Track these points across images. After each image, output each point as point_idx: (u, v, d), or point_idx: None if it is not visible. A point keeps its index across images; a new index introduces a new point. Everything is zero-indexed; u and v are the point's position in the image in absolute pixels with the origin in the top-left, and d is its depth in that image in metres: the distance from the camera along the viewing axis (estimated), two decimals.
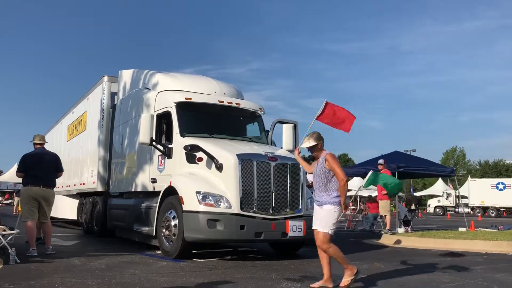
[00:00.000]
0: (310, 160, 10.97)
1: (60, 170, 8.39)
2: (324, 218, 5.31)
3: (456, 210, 43.46)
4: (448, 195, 45.83)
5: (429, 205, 48.70)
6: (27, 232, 7.65)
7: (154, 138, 8.34)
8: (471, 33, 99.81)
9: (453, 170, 18.23)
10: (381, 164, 12.79)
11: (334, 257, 5.33)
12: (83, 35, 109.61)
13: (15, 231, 7.10)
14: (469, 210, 40.70)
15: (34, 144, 8.34)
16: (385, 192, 12.47)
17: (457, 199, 43.69)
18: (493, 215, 39.76)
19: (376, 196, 19.99)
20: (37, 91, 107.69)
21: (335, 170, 5.28)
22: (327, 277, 5.32)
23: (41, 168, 7.91)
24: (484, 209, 40.77)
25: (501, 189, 39.84)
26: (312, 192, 8.91)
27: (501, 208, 40.61)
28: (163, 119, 8.64)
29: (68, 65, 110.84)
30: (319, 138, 5.53)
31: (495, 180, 42.53)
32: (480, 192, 40.27)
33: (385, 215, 12.89)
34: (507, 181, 41.42)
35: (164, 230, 7.79)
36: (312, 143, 5.50)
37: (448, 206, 45.52)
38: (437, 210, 46.09)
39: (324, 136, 5.59)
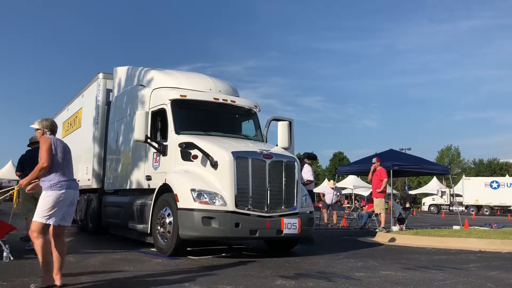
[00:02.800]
0: (304, 158, 11.00)
1: None
2: (39, 205, 4.75)
3: (451, 208, 43.67)
4: (443, 193, 46.06)
5: (423, 203, 48.89)
6: (26, 227, 7.77)
7: (149, 135, 8.32)
8: (467, 32, 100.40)
9: (447, 168, 18.30)
10: (374, 163, 12.82)
11: (37, 253, 4.67)
12: (79, 32, 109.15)
13: None
14: (463, 208, 40.91)
15: (31, 144, 8.44)
16: (379, 190, 12.51)
17: (451, 198, 43.93)
18: (487, 213, 39.98)
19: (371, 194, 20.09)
20: (32, 88, 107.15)
21: (40, 153, 4.77)
22: (52, 273, 4.75)
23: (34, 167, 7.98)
24: (478, 208, 41.00)
25: (495, 188, 40.04)
26: (307, 190, 8.94)
27: (495, 206, 40.85)
28: (158, 116, 8.62)
29: (64, 61, 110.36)
30: (45, 125, 4.99)
31: (489, 179, 42.73)
32: (475, 190, 40.46)
33: (379, 213, 12.93)
34: (501, 179, 41.64)
35: (158, 227, 7.78)
36: (35, 126, 5.02)
37: (443, 205, 45.72)
38: (432, 208, 46.28)
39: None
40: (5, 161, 41.97)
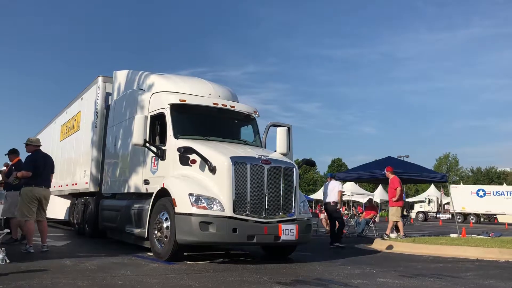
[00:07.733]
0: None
1: (53, 171, 8.72)
2: None
3: (437, 216, 44.09)
4: (430, 200, 46.51)
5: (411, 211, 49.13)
6: (26, 231, 7.93)
7: (147, 139, 8.32)
8: (465, 41, 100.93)
9: (445, 176, 18.27)
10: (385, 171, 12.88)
11: None
12: (79, 35, 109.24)
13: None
14: (450, 215, 41.20)
15: (34, 146, 8.42)
16: (395, 198, 12.49)
17: (439, 206, 44.30)
18: (473, 221, 40.20)
19: (369, 200, 20.13)
20: (31, 91, 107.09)
21: None
22: None
23: (45, 169, 8.25)
24: (465, 215, 41.28)
25: (481, 196, 40.42)
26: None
27: (481, 214, 41.18)
28: (157, 120, 8.62)
29: (63, 65, 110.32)
30: None
31: (476, 187, 43.20)
32: (461, 198, 40.62)
33: (397, 222, 12.83)
34: (487, 188, 42.19)
35: (156, 232, 7.75)
36: None
37: (430, 212, 46.08)
38: (420, 215, 46.54)
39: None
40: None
